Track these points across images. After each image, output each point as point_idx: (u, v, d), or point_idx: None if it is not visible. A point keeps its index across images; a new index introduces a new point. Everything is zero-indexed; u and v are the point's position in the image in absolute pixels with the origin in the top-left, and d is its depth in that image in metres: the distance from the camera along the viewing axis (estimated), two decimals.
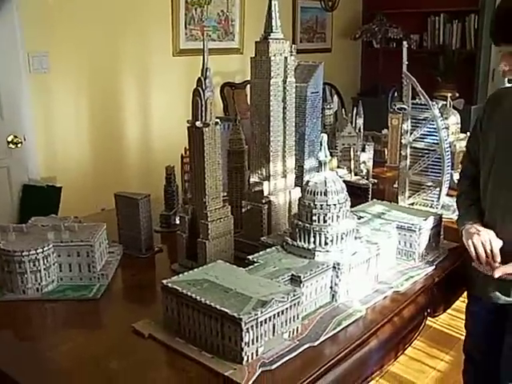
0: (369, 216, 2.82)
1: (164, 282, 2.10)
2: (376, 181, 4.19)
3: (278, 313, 1.96)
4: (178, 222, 3.03)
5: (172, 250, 2.84)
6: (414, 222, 2.70)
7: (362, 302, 2.37)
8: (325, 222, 2.37)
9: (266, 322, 1.90)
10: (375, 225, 2.70)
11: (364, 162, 4.21)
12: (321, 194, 2.37)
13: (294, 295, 2.02)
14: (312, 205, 2.37)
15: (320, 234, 2.37)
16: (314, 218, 2.37)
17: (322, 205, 2.36)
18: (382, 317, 2.29)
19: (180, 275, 2.16)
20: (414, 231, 2.67)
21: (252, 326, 1.87)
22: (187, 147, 2.77)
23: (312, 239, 2.38)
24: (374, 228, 2.67)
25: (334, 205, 2.36)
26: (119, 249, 2.88)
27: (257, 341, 1.91)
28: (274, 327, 1.97)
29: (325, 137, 2.37)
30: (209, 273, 2.17)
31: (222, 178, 2.54)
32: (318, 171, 2.43)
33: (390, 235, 2.63)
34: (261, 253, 2.40)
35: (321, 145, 2.40)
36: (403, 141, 3.63)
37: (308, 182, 2.43)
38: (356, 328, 2.19)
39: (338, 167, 4.07)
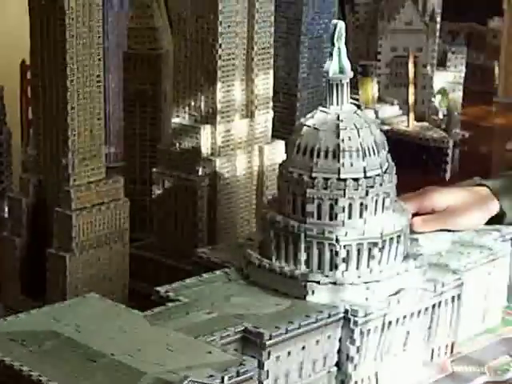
0: None
1: None
2: (467, 134, 2.89)
3: None
4: (6, 212, 2.45)
5: None
6: None
7: None
8: (333, 218, 1.65)
9: None
10: (460, 233, 2.07)
11: (442, 92, 2.76)
12: (326, 156, 1.63)
13: (241, 373, 1.37)
14: (306, 179, 1.66)
15: (322, 246, 1.65)
16: (309, 208, 1.66)
17: (327, 179, 1.64)
18: None
19: (2, 320, 1.59)
20: None
21: None
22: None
23: (304, 256, 1.65)
24: (456, 239, 1.99)
25: (356, 180, 1.63)
26: None
27: None
28: None
29: (341, 23, 1.57)
30: (63, 319, 1.55)
31: (108, 117, 2.08)
32: (324, 105, 1.68)
33: (492, 255, 1.94)
34: (189, 280, 1.71)
35: (333, 40, 1.60)
36: None
37: (300, 125, 1.70)
38: None
39: (381, 100, 2.92)
